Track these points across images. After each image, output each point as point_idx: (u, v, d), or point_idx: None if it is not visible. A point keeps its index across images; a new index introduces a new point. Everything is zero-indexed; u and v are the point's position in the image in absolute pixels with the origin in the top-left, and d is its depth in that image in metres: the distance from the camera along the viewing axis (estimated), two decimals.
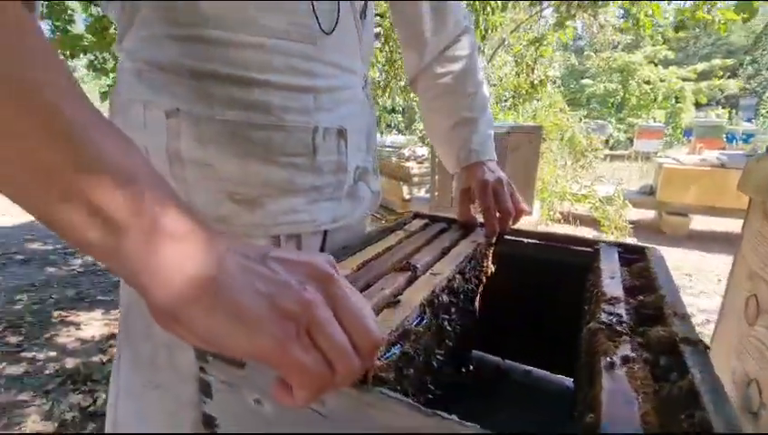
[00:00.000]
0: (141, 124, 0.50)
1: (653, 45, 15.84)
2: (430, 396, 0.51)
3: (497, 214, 0.67)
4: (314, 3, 0.53)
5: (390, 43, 4.25)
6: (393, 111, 7.10)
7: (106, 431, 0.60)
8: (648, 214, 4.93)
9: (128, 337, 0.57)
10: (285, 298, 0.24)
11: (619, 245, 0.62)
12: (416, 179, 3.36)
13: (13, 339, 2.25)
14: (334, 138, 0.58)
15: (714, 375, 0.31)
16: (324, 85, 0.57)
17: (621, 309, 0.43)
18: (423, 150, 3.76)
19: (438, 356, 0.53)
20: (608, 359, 0.33)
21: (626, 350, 0.35)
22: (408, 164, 3.40)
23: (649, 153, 9.86)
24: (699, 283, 3.23)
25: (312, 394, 0.25)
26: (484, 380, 0.71)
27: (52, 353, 2.14)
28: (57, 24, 2.81)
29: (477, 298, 0.69)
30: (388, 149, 4.17)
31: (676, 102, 15.21)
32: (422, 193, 3.35)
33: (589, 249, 0.64)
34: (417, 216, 0.79)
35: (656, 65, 15.77)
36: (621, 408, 0.28)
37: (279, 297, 0.24)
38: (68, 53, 2.81)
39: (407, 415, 0.27)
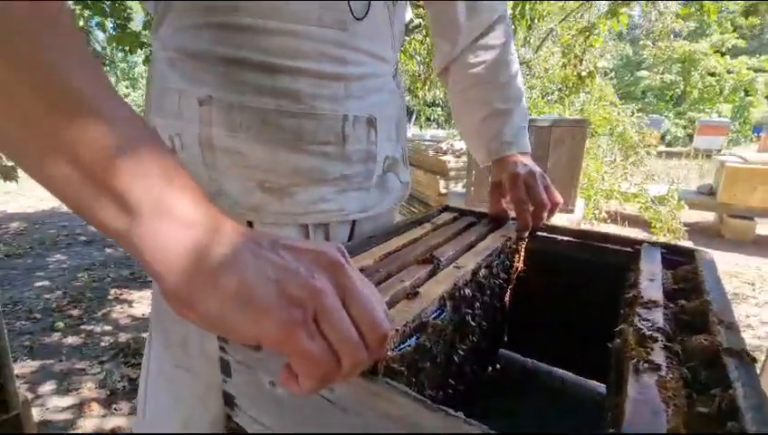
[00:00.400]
0: (176, 113, 0.51)
1: (721, 33, 14.53)
2: (450, 391, 0.50)
3: (531, 207, 0.65)
4: None
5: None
6: (433, 104, 7.00)
7: (137, 409, 0.63)
8: (708, 216, 4.56)
9: (159, 319, 0.59)
10: (293, 285, 0.24)
11: (664, 246, 0.58)
12: (453, 174, 3.30)
13: (75, 312, 2.46)
14: (364, 126, 0.58)
15: (760, 391, 0.27)
16: (355, 73, 0.56)
17: (659, 314, 0.40)
18: (461, 144, 3.68)
19: (460, 352, 0.51)
20: (636, 365, 0.31)
21: (658, 357, 0.33)
22: (445, 158, 3.35)
23: (711, 151, 9.11)
24: (764, 292, 2.95)
25: (317, 383, 0.25)
26: (511, 379, 0.69)
27: (108, 328, 2.32)
28: (118, 21, 3.00)
29: (506, 295, 0.67)
30: (427, 142, 4.11)
31: (746, 95, 13.90)
32: (459, 188, 3.29)
33: (629, 249, 0.59)
34: (446, 209, 0.77)
35: (723, 55, 14.47)
36: (646, 419, 0.26)
37: (287, 284, 0.24)
38: (127, 48, 3.00)
39: (411, 408, 0.26)
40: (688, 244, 3.67)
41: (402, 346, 0.36)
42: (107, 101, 0.25)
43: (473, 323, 0.53)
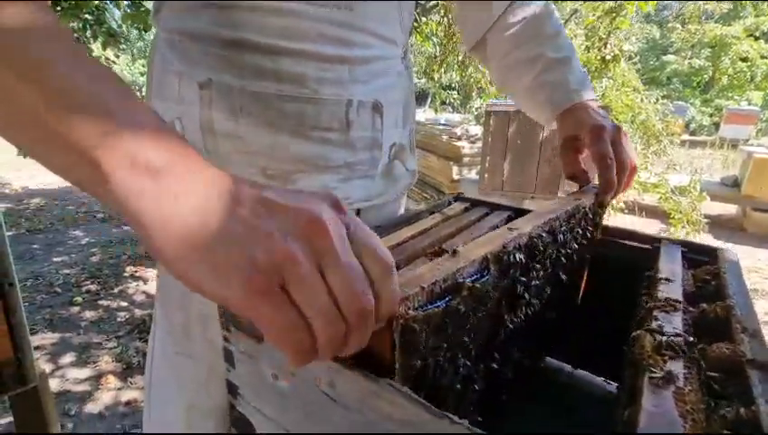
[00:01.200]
0: (177, 96, 0.50)
1: (756, 16, 13.79)
2: (488, 378, 0.44)
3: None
4: None
5: (450, 15, 4.06)
6: (449, 87, 6.86)
7: (145, 391, 0.64)
8: (730, 209, 4.42)
9: (163, 305, 0.60)
10: (261, 249, 0.22)
11: (685, 244, 0.55)
12: (466, 160, 3.25)
13: (92, 287, 2.54)
14: (369, 112, 0.56)
15: None
16: (360, 55, 0.54)
17: (677, 317, 0.38)
18: (476, 129, 3.61)
19: (506, 331, 0.44)
20: (652, 374, 0.29)
21: (677, 366, 0.31)
22: (459, 143, 3.29)
23: (738, 140, 8.76)
24: None
25: (294, 356, 0.23)
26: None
27: (123, 303, 2.39)
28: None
29: (579, 279, 0.58)
30: (440, 127, 4.05)
31: None
32: (472, 174, 3.24)
33: (648, 247, 0.57)
34: (458, 198, 0.76)
35: (757, 39, 13.76)
36: (661, 432, 0.24)
37: (255, 248, 0.22)
38: (141, 26, 3.00)
39: (414, 412, 0.25)
40: (708, 236, 3.57)
41: (429, 307, 0.32)
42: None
43: (525, 299, 0.46)
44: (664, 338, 0.33)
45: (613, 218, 3.41)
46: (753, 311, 0.39)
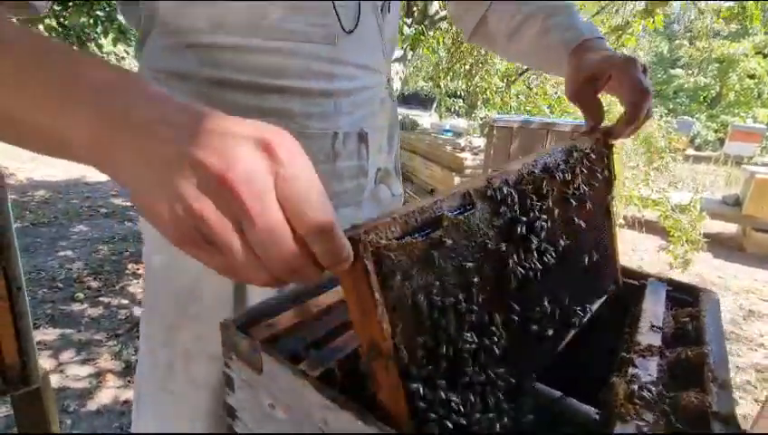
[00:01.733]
0: None
1: (765, 33, 13.79)
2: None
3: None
4: (335, 1, 0.51)
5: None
6: (455, 95, 6.90)
7: (132, 418, 0.65)
8: (731, 227, 4.43)
9: (147, 341, 0.60)
10: (178, 206, 0.23)
11: (670, 283, 0.57)
12: (468, 172, 3.27)
13: (94, 284, 2.57)
14: (355, 142, 0.57)
15: None
16: (345, 88, 0.55)
17: (654, 364, 0.40)
18: (479, 141, 3.63)
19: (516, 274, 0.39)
20: (623, 424, 0.32)
21: (648, 414, 0.33)
22: (462, 155, 3.31)
23: (742, 158, 8.76)
24: None
25: (256, 280, 0.25)
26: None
27: (124, 301, 2.41)
28: None
29: (601, 219, 0.53)
30: (443, 137, 4.07)
31: None
32: None
33: (634, 282, 0.59)
34: None
35: (765, 57, 13.76)
36: None
37: (173, 202, 0.23)
38: None
39: None
40: (708, 255, 3.58)
41: (405, 238, 0.31)
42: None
43: (534, 243, 0.42)
44: (636, 387, 0.35)
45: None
46: (726, 359, 0.41)
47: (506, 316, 0.39)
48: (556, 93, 4.38)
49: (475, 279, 0.36)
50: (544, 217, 0.43)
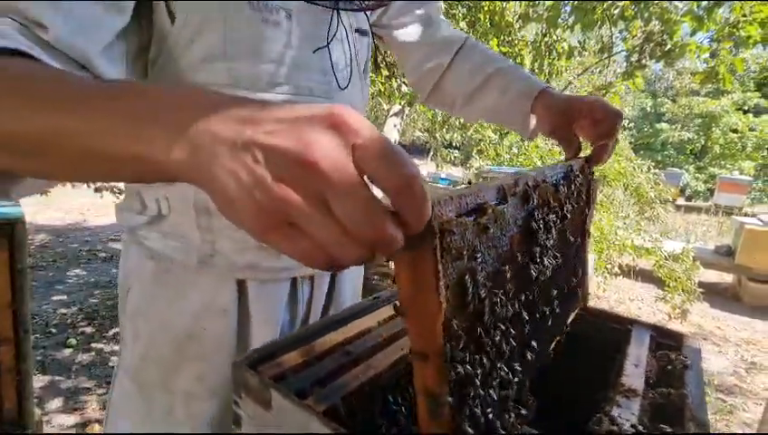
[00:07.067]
0: None
1: (743, 92, 14.63)
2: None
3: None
4: (332, 60, 0.60)
5: None
6: (450, 145, 7.18)
7: None
8: (727, 277, 4.45)
9: (141, 389, 0.61)
10: (259, 193, 0.24)
11: (655, 328, 0.61)
12: None
13: (88, 329, 2.53)
14: None
15: None
16: None
17: (636, 404, 0.43)
18: None
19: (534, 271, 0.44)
20: None
21: None
22: None
23: (732, 208, 8.96)
24: None
25: (321, 269, 0.26)
26: None
27: (117, 348, 2.37)
28: None
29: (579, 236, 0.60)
30: (440, 186, 4.19)
31: None
32: None
33: (619, 327, 0.62)
34: None
35: (745, 113, 14.49)
36: None
37: (254, 191, 0.24)
38: None
39: None
40: (705, 305, 3.57)
41: (461, 217, 0.32)
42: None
43: (541, 241, 0.46)
44: (620, 426, 0.38)
45: (610, 281, 3.44)
46: (704, 401, 0.44)
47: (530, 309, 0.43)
48: (547, 145, 4.58)
49: (505, 268, 0.38)
50: (551, 217, 0.49)
